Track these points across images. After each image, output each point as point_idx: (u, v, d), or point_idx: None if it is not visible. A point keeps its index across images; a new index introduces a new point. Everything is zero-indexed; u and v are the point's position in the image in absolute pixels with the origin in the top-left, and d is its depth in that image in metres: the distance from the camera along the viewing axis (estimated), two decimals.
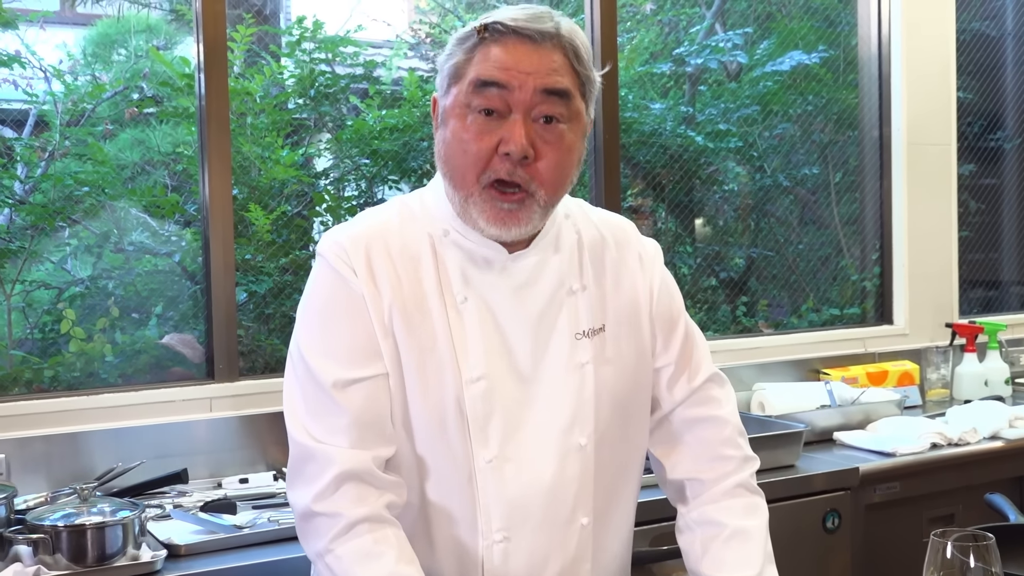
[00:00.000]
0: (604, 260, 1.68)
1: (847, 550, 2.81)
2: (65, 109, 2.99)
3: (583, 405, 1.60)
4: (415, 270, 1.57)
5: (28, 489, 2.46)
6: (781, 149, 4.05)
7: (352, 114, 3.43)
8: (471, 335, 1.55)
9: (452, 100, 1.51)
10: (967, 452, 3.03)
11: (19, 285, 2.87)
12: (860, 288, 4.01)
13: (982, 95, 4.50)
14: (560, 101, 1.50)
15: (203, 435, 2.71)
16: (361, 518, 1.48)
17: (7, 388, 2.71)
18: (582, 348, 1.61)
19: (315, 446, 1.51)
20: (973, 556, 1.37)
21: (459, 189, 1.52)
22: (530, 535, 1.57)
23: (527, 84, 1.47)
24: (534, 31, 1.47)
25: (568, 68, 1.50)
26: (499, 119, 1.49)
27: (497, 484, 1.55)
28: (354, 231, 1.59)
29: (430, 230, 1.60)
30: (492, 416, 1.55)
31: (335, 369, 1.52)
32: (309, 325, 1.57)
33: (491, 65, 1.48)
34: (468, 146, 1.49)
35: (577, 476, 1.60)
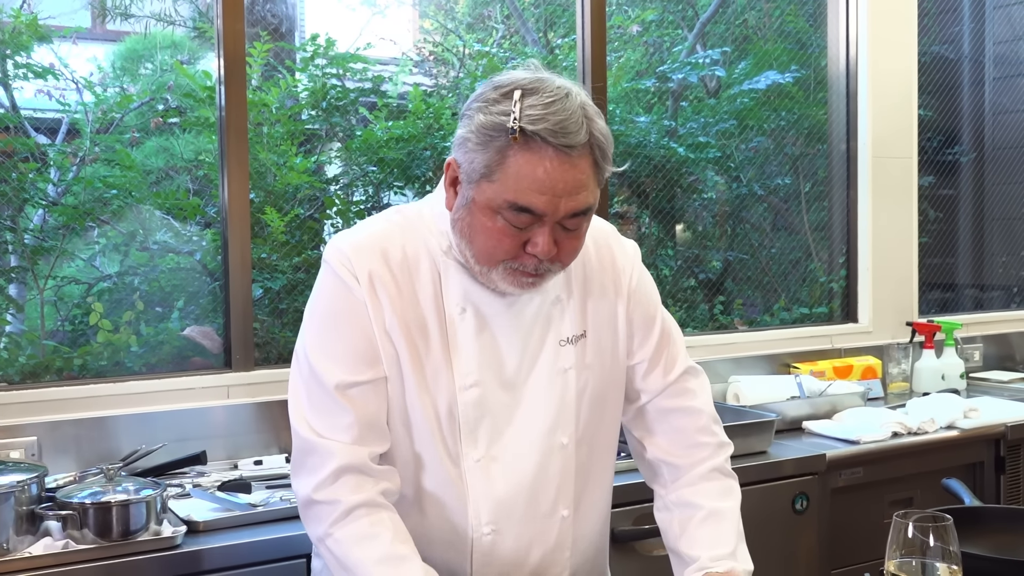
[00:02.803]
0: (586, 267, 1.66)
1: (814, 530, 2.81)
2: (95, 118, 2.97)
3: (565, 408, 1.60)
4: (415, 280, 1.55)
5: (58, 469, 2.45)
6: (756, 161, 4.05)
7: (361, 125, 3.41)
8: (466, 345, 1.54)
9: (482, 198, 1.44)
10: (925, 440, 3.03)
11: (51, 280, 2.85)
12: (828, 289, 4.01)
13: (941, 113, 4.50)
14: (584, 216, 1.47)
15: (221, 420, 2.70)
16: (358, 503, 1.48)
17: (39, 375, 2.70)
18: (565, 354, 1.60)
19: (317, 440, 1.50)
20: (932, 536, 1.37)
21: (481, 263, 1.49)
22: (516, 527, 1.57)
23: (559, 210, 1.42)
24: (567, 145, 1.40)
25: (593, 172, 1.44)
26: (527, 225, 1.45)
27: (485, 481, 1.55)
28: (357, 239, 1.55)
29: (430, 243, 1.57)
30: (482, 420, 1.55)
31: (338, 372, 1.50)
32: (314, 329, 1.55)
33: (526, 188, 1.40)
34: (497, 242, 1.45)
35: (559, 473, 1.60)
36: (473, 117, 1.44)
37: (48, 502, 2.04)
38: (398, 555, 1.47)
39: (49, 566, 1.93)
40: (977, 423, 3.14)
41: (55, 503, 2.02)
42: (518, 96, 1.40)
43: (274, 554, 2.11)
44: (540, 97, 1.40)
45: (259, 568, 2.09)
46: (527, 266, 1.47)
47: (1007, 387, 3.81)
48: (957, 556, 1.36)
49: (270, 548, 2.10)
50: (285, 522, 2.19)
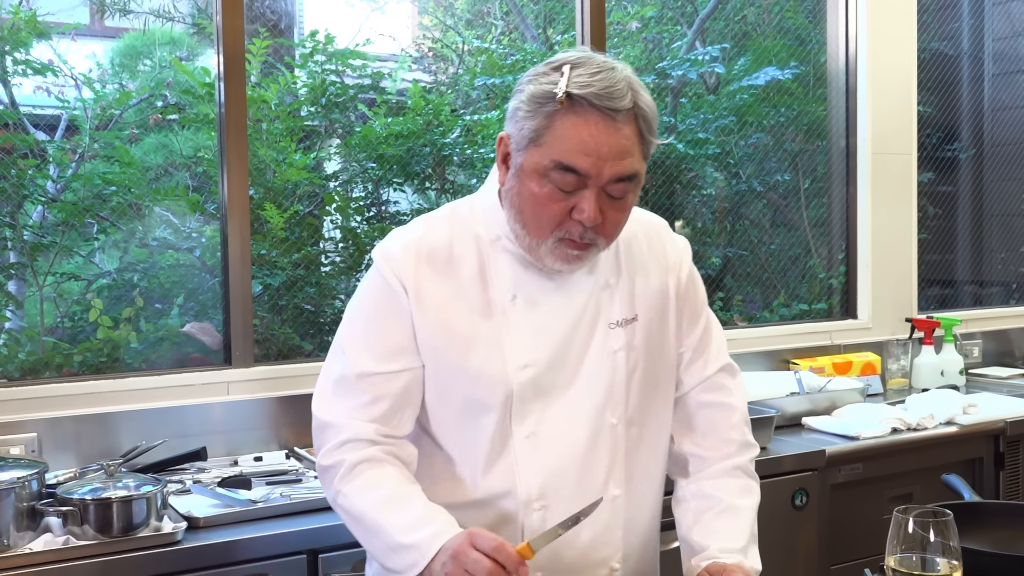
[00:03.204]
0: (636, 254, 1.69)
1: (814, 526, 2.81)
2: (94, 114, 2.97)
3: (615, 388, 1.62)
4: (464, 273, 1.60)
5: (58, 465, 2.45)
6: (755, 157, 4.05)
7: (360, 121, 3.41)
8: (518, 328, 1.58)
9: (530, 163, 1.49)
10: (925, 436, 3.03)
11: (51, 277, 2.85)
12: (827, 285, 4.01)
13: (940, 109, 4.50)
14: (629, 182, 1.50)
15: (220, 416, 2.70)
16: (361, 459, 1.55)
17: (39, 372, 2.70)
18: (615, 336, 1.63)
19: (329, 419, 1.59)
20: (933, 531, 1.37)
21: (531, 235, 1.54)
22: (565, 504, 1.58)
23: (603, 172, 1.46)
24: (613, 110, 1.45)
25: (638, 141, 1.49)
26: (573, 188, 1.49)
27: (534, 457, 1.58)
28: (406, 239, 1.62)
29: (480, 234, 1.62)
30: (534, 399, 1.58)
31: (366, 362, 1.57)
32: (353, 321, 1.63)
33: (573, 149, 1.45)
34: (544, 208, 1.50)
35: (608, 452, 1.62)
36: (524, 89, 1.51)
37: (49, 498, 2.04)
38: (401, 495, 1.54)
39: (50, 562, 1.92)
40: (976, 419, 3.14)
41: (56, 499, 2.02)
42: (567, 68, 1.47)
43: (274, 550, 2.11)
44: (587, 68, 1.47)
45: (259, 564, 2.09)
46: (572, 233, 1.50)
47: (1006, 383, 3.81)
48: (957, 551, 1.37)
49: (270, 544, 2.11)
50: (285, 518, 2.19)
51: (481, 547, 1.40)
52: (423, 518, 1.51)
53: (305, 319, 3.10)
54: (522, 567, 1.41)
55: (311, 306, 3.14)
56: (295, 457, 2.66)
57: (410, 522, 1.50)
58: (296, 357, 2.99)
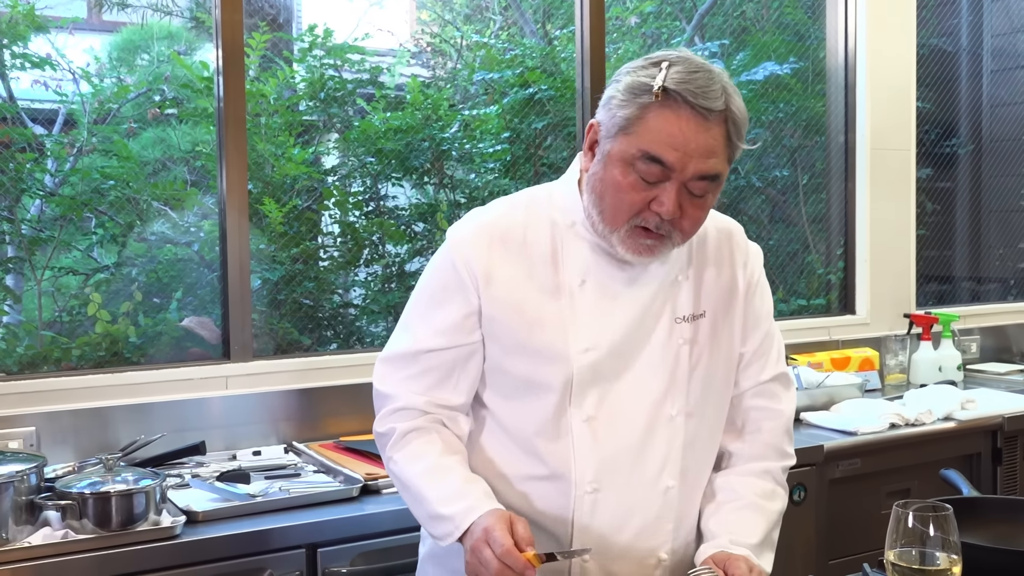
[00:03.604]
0: (708, 252, 1.71)
1: (812, 521, 2.81)
2: (92, 109, 2.96)
3: (676, 381, 1.64)
4: (536, 256, 1.63)
5: (57, 459, 2.45)
6: (754, 153, 4.04)
7: (358, 116, 3.41)
8: (584, 313, 1.61)
9: (618, 150, 1.52)
10: (923, 432, 3.03)
11: (48, 271, 2.85)
12: (825, 281, 4.01)
13: (939, 105, 4.50)
14: (711, 182, 1.52)
15: (219, 411, 2.70)
16: (411, 428, 1.64)
17: (37, 366, 2.70)
18: (680, 331, 1.65)
19: (385, 389, 1.67)
20: (933, 525, 1.37)
21: (607, 223, 1.56)
22: (618, 490, 1.61)
23: (688, 168, 1.48)
24: (706, 109, 1.47)
25: (725, 143, 1.51)
26: (656, 180, 1.51)
27: (592, 440, 1.60)
28: (480, 220, 1.66)
29: (555, 219, 1.65)
30: (594, 384, 1.60)
31: (422, 336, 1.64)
32: (416, 297, 1.70)
33: (662, 141, 1.48)
34: (625, 196, 1.52)
35: (666, 442, 1.63)
36: (621, 80, 1.54)
37: (47, 492, 2.03)
38: (444, 466, 1.60)
39: (48, 556, 1.92)
40: (974, 414, 3.14)
41: (54, 493, 2.02)
42: (666, 65, 1.50)
43: (273, 544, 2.10)
44: (686, 66, 1.50)
45: (258, 558, 2.09)
46: (648, 222, 1.53)
47: (1004, 379, 3.82)
48: (957, 546, 1.37)
49: (269, 538, 2.10)
50: (284, 512, 2.19)
51: (492, 548, 1.44)
52: (459, 492, 1.56)
53: (304, 313, 3.10)
54: (529, 570, 1.43)
55: (310, 301, 3.14)
56: (294, 451, 2.66)
57: (448, 494, 1.56)
58: (295, 352, 2.99)
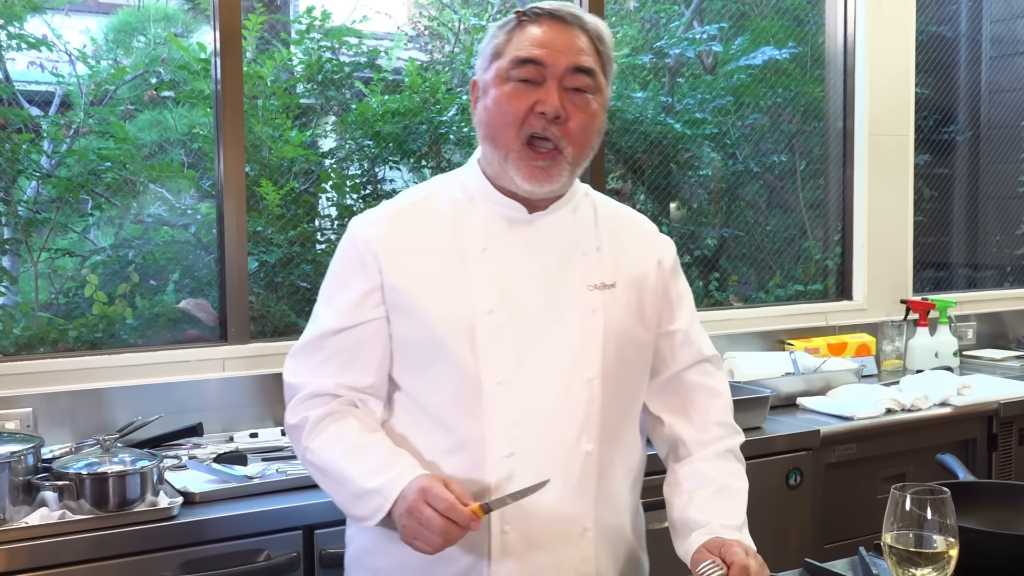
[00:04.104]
0: (619, 234, 1.73)
1: (808, 505, 2.82)
2: (88, 90, 2.95)
3: (591, 344, 1.63)
4: (437, 229, 1.65)
5: (54, 440, 2.44)
6: (752, 138, 4.04)
7: (356, 99, 3.39)
8: (487, 276, 1.61)
9: (492, 73, 1.59)
10: (919, 417, 3.04)
11: (45, 253, 2.84)
12: (823, 266, 4.01)
13: (937, 91, 4.49)
14: (587, 76, 1.58)
15: (216, 392, 2.69)
16: (323, 415, 1.62)
17: (34, 347, 2.69)
18: (594, 298, 1.65)
19: (294, 380, 1.66)
20: (930, 508, 1.37)
21: (499, 147, 1.59)
22: (536, 454, 1.58)
23: (559, 62, 1.56)
24: (566, 14, 1.58)
25: (593, 50, 1.59)
26: (535, 86, 1.56)
27: (505, 404, 1.58)
28: (382, 208, 1.69)
29: (457, 197, 1.67)
30: (502, 345, 1.59)
31: (328, 321, 1.64)
32: (322, 288, 1.70)
33: (529, 44, 1.56)
34: (507, 107, 1.57)
35: (583, 405, 1.62)
36: (488, 30, 1.66)
37: (44, 473, 2.03)
38: (364, 443, 1.59)
39: (45, 536, 1.92)
40: (970, 400, 3.15)
41: (51, 474, 2.01)
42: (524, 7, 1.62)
43: (270, 525, 2.11)
44: (541, 2, 1.63)
45: (255, 539, 2.09)
46: (535, 127, 1.56)
47: (1000, 365, 3.83)
48: (954, 529, 1.37)
49: (266, 519, 2.10)
50: (281, 494, 2.19)
51: (434, 505, 1.44)
52: (385, 463, 1.55)
53: (301, 296, 3.10)
54: (474, 521, 1.44)
55: (307, 284, 3.13)
56: None
57: (372, 468, 1.54)
58: (292, 334, 2.98)
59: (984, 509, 1.77)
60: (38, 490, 2.00)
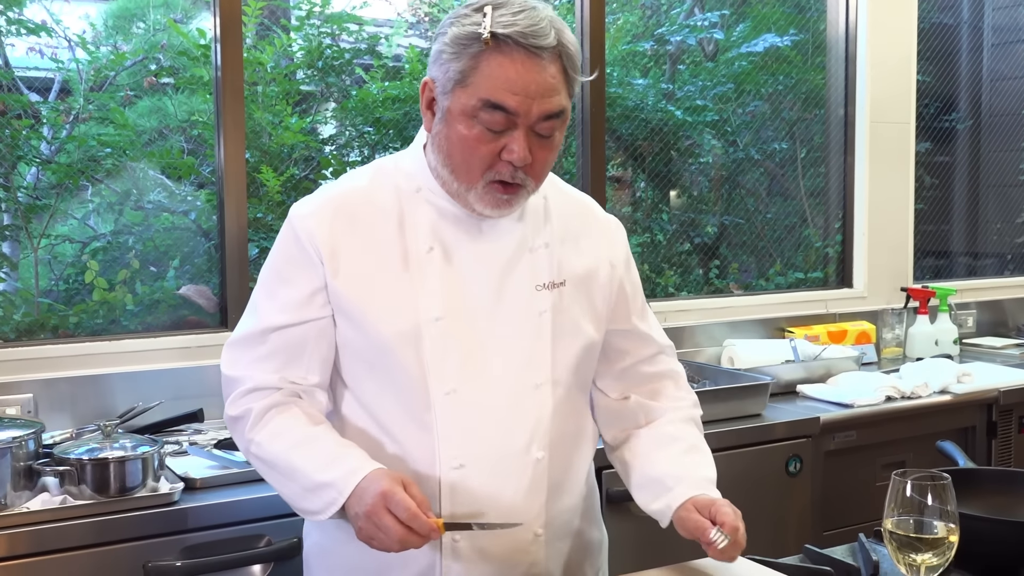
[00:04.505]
0: (569, 226, 1.68)
1: (807, 492, 2.82)
2: (88, 76, 2.94)
3: (540, 349, 1.60)
4: (381, 225, 1.58)
5: (54, 426, 2.45)
6: (753, 125, 4.03)
7: (356, 85, 3.39)
8: (433, 279, 1.56)
9: (457, 105, 1.48)
10: (918, 404, 3.04)
11: (45, 239, 2.83)
12: (823, 254, 4.01)
13: (939, 79, 4.48)
14: (557, 119, 1.51)
15: (217, 379, 2.66)
16: (268, 406, 1.57)
17: (34, 333, 2.69)
18: (542, 298, 1.61)
19: (234, 373, 1.62)
20: (931, 495, 1.37)
21: (461, 181, 1.53)
22: (486, 465, 1.56)
23: (531, 111, 1.47)
24: (539, 43, 1.45)
25: (563, 78, 1.50)
26: (502, 132, 1.49)
27: (454, 415, 1.55)
28: (324, 194, 1.62)
29: (401, 186, 1.61)
30: (450, 353, 1.55)
31: (271, 315, 1.58)
32: (262, 277, 1.64)
33: (500, 86, 1.45)
34: (474, 150, 1.49)
35: (533, 413, 1.59)
36: (447, 32, 1.50)
37: (45, 458, 2.03)
38: (313, 435, 1.54)
39: (47, 521, 1.92)
40: (970, 388, 3.15)
41: (52, 459, 2.01)
42: (489, 9, 1.47)
43: (271, 511, 2.10)
44: (509, 8, 1.47)
45: (256, 525, 2.09)
46: (503, 174, 1.50)
47: (1000, 353, 3.83)
48: (955, 515, 1.37)
49: (267, 505, 2.10)
50: None
51: (395, 512, 1.40)
52: (337, 456, 1.51)
53: None
54: (434, 532, 1.41)
55: None
56: None
57: (324, 461, 1.50)
58: None
59: (984, 496, 1.77)
60: (39, 475, 2.00)
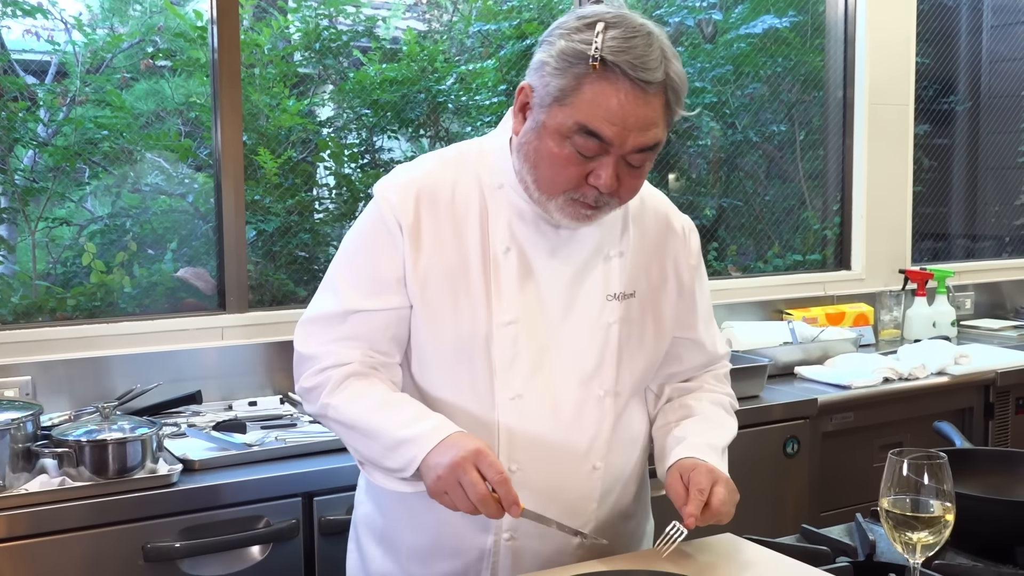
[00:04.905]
0: (646, 234, 1.66)
1: (804, 473, 2.83)
2: (84, 59, 2.93)
3: (605, 360, 1.59)
4: (462, 218, 1.56)
5: (53, 408, 2.45)
6: (752, 107, 4.02)
7: (354, 67, 3.37)
8: (508, 282, 1.55)
9: (552, 121, 1.44)
10: (916, 386, 3.05)
11: (42, 222, 2.83)
12: (821, 236, 4.01)
13: (938, 61, 4.47)
14: (650, 152, 1.47)
15: (215, 361, 2.69)
16: (348, 374, 1.54)
17: (32, 316, 2.69)
18: (611, 309, 1.60)
19: (311, 351, 1.58)
20: (927, 474, 1.37)
21: (543, 192, 1.50)
22: (542, 471, 1.55)
23: (627, 143, 1.43)
24: (644, 81, 1.40)
25: (664, 112, 1.45)
26: (593, 154, 1.45)
27: (517, 420, 1.54)
28: (409, 176, 1.58)
29: (484, 180, 1.58)
30: (518, 358, 1.54)
31: (354, 297, 1.55)
32: (345, 254, 1.61)
33: (599, 115, 1.41)
34: (561, 170, 1.46)
35: (594, 424, 1.59)
36: (554, 43, 1.45)
37: (44, 440, 2.03)
38: (394, 399, 1.53)
39: (45, 503, 1.93)
40: (967, 369, 3.15)
41: (51, 441, 2.02)
42: (601, 27, 1.41)
43: (269, 493, 2.11)
44: (623, 31, 1.41)
45: (255, 506, 2.10)
46: (587, 197, 1.47)
47: (997, 335, 3.83)
48: (951, 495, 1.37)
49: (266, 487, 2.11)
50: (280, 461, 2.20)
51: (485, 473, 1.38)
52: (420, 414, 1.49)
53: (299, 266, 3.09)
54: (515, 507, 1.39)
55: (305, 253, 3.12)
56: (290, 402, 2.66)
57: (408, 419, 1.48)
58: (290, 303, 2.98)
59: (980, 476, 1.78)
60: (38, 457, 2.00)
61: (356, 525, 1.73)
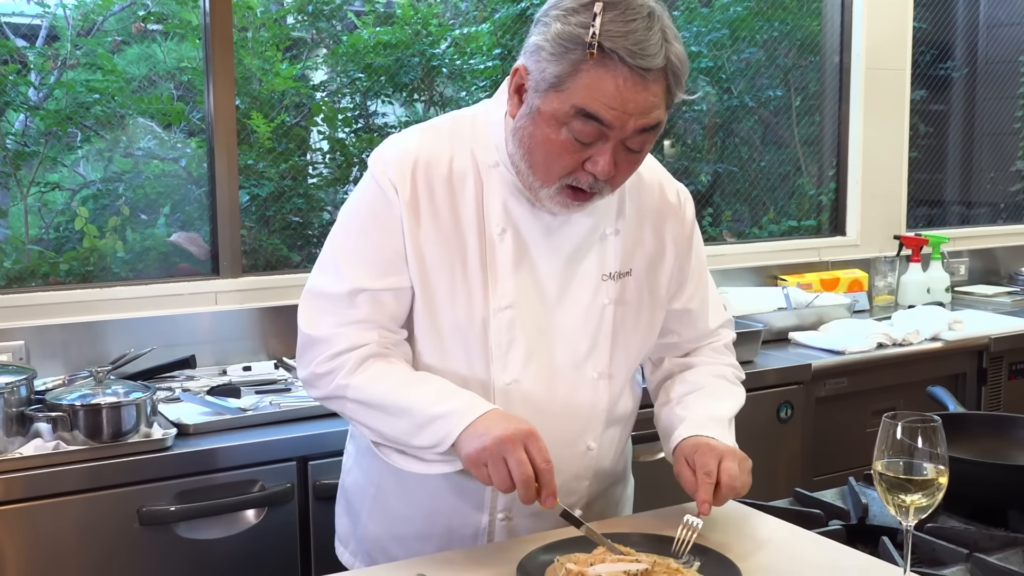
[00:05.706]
0: (641, 207, 1.63)
1: (798, 438, 2.84)
2: (75, 22, 2.89)
3: (600, 342, 1.58)
4: (457, 195, 1.52)
5: (46, 373, 2.44)
6: (747, 72, 3.99)
7: (347, 31, 3.34)
8: (504, 266, 1.52)
9: (548, 107, 1.40)
10: (910, 351, 3.05)
11: (34, 187, 2.81)
12: (816, 202, 4.00)
13: (935, 25, 4.44)
14: (651, 132, 1.43)
15: (209, 326, 2.69)
16: (366, 355, 1.49)
17: (25, 280, 2.68)
18: (606, 289, 1.58)
19: (321, 334, 1.51)
20: (920, 437, 1.37)
21: (536, 177, 1.46)
22: None
23: (627, 126, 1.38)
24: (644, 68, 1.35)
25: (665, 96, 1.40)
26: (592, 140, 1.41)
27: (513, 405, 1.52)
28: (405, 145, 1.53)
29: (479, 156, 1.54)
30: (514, 343, 1.52)
31: (358, 276, 1.50)
32: (345, 230, 1.55)
33: (598, 100, 1.36)
34: (557, 156, 1.42)
35: (588, 405, 1.58)
36: (550, 25, 1.39)
37: (38, 404, 2.03)
38: (420, 376, 1.49)
39: (40, 467, 1.93)
40: (961, 335, 3.16)
41: (45, 405, 2.01)
42: (599, 9, 1.35)
43: (263, 457, 2.12)
44: (622, 13, 1.36)
45: (248, 470, 2.10)
46: (581, 183, 1.44)
47: (991, 301, 3.84)
48: (944, 458, 1.37)
49: (260, 451, 2.11)
50: (274, 426, 2.20)
51: (532, 455, 1.35)
52: (457, 391, 1.46)
53: (293, 231, 3.07)
54: (551, 497, 1.37)
55: (299, 218, 3.11)
56: (283, 367, 2.66)
57: (442, 394, 1.45)
58: (284, 268, 2.97)
59: (973, 440, 1.78)
60: (32, 421, 2.00)
61: (345, 491, 1.73)
